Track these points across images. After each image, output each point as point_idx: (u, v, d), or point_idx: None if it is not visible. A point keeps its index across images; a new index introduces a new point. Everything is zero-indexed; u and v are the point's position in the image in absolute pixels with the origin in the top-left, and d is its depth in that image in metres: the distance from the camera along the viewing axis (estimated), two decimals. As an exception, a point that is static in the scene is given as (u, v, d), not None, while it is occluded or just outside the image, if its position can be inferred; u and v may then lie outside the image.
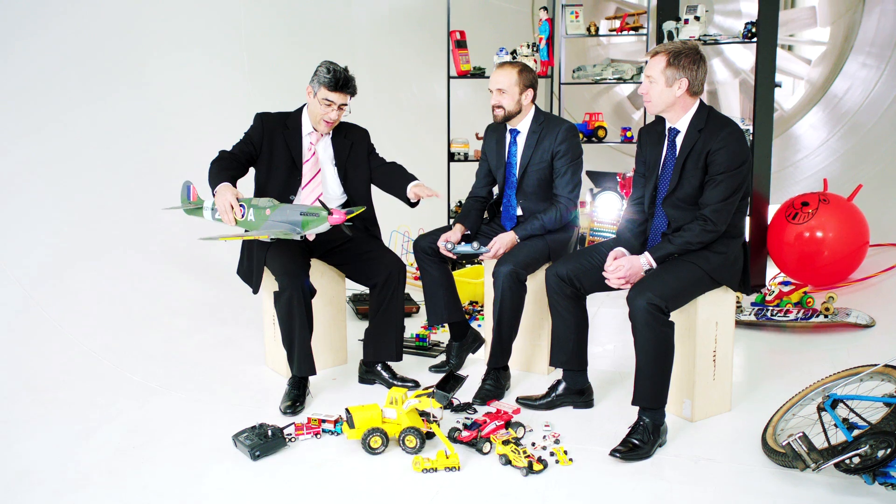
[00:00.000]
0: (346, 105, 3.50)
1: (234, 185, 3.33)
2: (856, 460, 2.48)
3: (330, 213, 3.19)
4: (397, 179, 3.59)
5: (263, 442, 2.91)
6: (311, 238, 3.58)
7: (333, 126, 3.56)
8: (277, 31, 6.30)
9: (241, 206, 3.27)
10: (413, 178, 3.56)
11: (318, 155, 3.59)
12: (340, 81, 3.43)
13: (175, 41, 5.40)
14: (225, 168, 3.38)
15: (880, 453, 2.45)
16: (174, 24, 5.41)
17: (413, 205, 3.57)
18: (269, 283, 3.56)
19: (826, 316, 4.27)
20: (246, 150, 3.51)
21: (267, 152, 3.54)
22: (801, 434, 2.58)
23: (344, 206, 3.63)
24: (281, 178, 3.51)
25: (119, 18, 5.05)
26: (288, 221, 3.24)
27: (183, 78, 5.42)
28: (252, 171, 3.60)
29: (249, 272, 3.64)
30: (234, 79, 5.80)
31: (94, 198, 4.60)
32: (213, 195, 3.33)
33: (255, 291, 3.61)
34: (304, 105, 3.60)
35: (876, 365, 2.84)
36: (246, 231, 3.30)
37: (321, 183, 3.56)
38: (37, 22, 4.57)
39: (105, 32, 4.94)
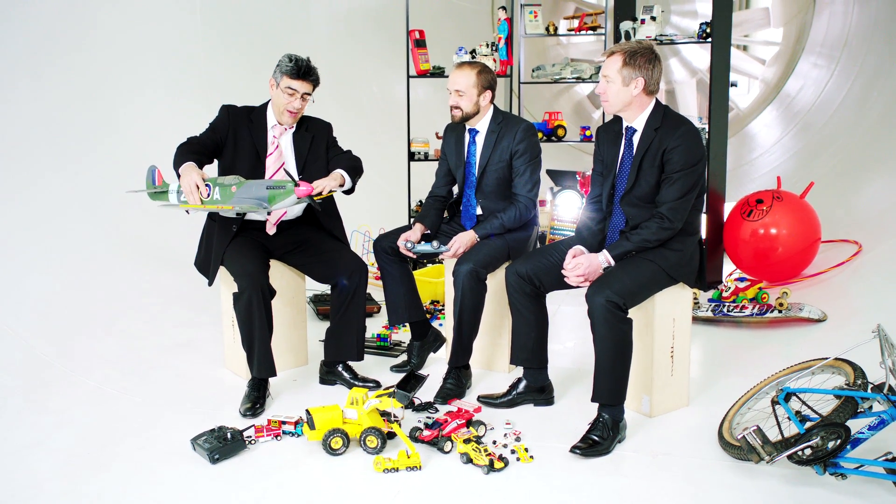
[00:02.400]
0: (309, 95, 3.49)
1: (200, 168, 3.30)
2: (808, 452, 2.54)
3: (297, 184, 3.17)
4: (333, 167, 3.53)
5: (222, 445, 2.88)
6: (271, 230, 3.55)
7: (298, 117, 3.53)
8: (235, 32, 6.24)
9: (206, 185, 3.24)
10: (344, 165, 3.50)
11: (282, 149, 3.56)
12: (302, 69, 3.43)
13: (130, 46, 5.33)
14: (191, 151, 3.35)
15: (830, 444, 2.51)
16: (130, 29, 5.34)
17: (348, 192, 3.54)
18: (229, 284, 3.52)
19: (780, 311, 4.36)
20: (213, 138, 3.48)
21: (231, 145, 3.51)
22: (755, 427, 2.63)
23: (308, 205, 3.60)
24: (244, 172, 3.47)
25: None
26: (255, 197, 3.22)
27: (138, 81, 5.34)
28: (216, 163, 3.57)
29: (206, 264, 3.60)
30: (190, 81, 5.72)
31: (46, 198, 4.51)
32: (178, 176, 3.28)
33: (210, 283, 3.58)
34: (269, 101, 3.58)
35: (827, 358, 2.90)
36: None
37: (282, 178, 3.53)
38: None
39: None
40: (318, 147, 3.62)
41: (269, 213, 3.37)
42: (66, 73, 4.92)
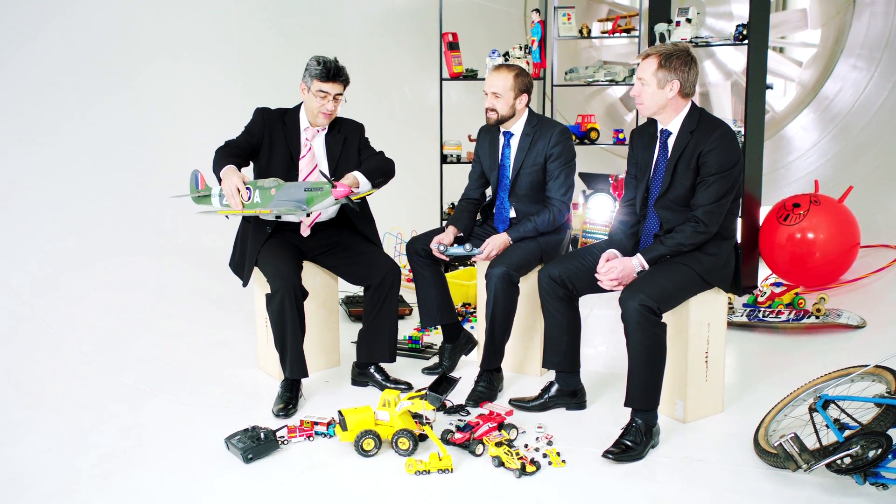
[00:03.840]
0: (340, 95, 3.51)
1: (239, 170, 3.34)
2: (847, 461, 2.49)
3: (334, 185, 3.20)
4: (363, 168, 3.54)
5: (256, 445, 2.91)
6: (305, 232, 3.58)
7: (332, 118, 3.56)
8: (268, 33, 6.30)
9: (247, 188, 3.28)
10: (369, 167, 3.50)
11: (314, 151, 3.59)
12: (332, 72, 3.44)
13: (166, 46, 5.39)
14: (229, 155, 3.39)
15: (871, 453, 2.46)
16: (165, 29, 5.39)
17: (376, 186, 3.53)
18: (262, 284, 3.55)
19: (817, 317, 4.29)
20: (249, 142, 3.52)
21: (266, 147, 3.54)
22: (792, 435, 2.58)
23: (341, 207, 3.63)
24: (279, 174, 3.50)
25: (111, 26, 5.02)
26: (293, 200, 3.25)
27: (174, 83, 5.40)
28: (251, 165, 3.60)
29: (241, 265, 3.64)
30: (225, 82, 5.78)
31: (86, 202, 4.59)
32: (219, 179, 3.33)
33: (245, 284, 3.61)
34: (302, 103, 3.61)
35: (867, 366, 2.85)
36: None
37: (318, 180, 3.56)
38: (30, 32, 4.55)
39: (97, 41, 4.92)
40: (350, 148, 3.63)
41: (307, 215, 3.39)
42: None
